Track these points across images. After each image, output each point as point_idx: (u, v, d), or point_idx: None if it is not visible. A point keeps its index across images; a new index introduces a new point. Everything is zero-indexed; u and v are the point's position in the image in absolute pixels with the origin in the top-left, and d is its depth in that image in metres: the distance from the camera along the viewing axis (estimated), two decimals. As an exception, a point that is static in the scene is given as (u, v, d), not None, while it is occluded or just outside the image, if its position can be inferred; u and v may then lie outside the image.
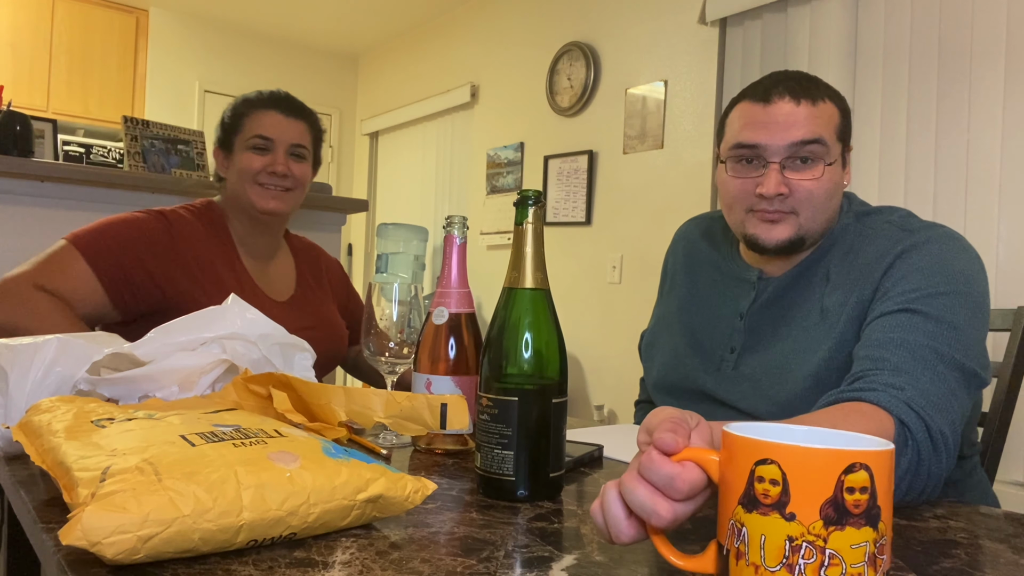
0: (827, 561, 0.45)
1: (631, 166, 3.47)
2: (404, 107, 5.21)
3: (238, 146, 1.49)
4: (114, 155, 4.51)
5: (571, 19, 3.83)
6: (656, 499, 0.51)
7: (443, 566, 0.53)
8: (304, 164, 1.53)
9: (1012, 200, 2.27)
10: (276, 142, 1.47)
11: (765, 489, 0.47)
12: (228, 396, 0.81)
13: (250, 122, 1.49)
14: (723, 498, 0.50)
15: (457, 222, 0.93)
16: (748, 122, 1.02)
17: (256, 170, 1.46)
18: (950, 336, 0.87)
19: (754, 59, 2.97)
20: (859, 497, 0.45)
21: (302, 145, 1.51)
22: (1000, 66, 2.30)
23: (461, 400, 0.79)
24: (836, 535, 0.45)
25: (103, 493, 0.49)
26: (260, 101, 1.51)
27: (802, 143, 1.00)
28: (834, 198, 1.04)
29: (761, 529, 0.47)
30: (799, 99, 1.00)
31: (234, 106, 1.53)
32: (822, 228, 1.06)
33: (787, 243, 1.04)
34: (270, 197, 1.47)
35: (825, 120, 1.01)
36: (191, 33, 5.28)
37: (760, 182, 1.02)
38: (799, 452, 0.46)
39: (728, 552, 0.49)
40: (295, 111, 1.52)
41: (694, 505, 0.53)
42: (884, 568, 0.46)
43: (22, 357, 0.79)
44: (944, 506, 0.76)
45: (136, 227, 1.38)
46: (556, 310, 0.75)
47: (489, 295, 4.08)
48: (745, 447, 0.48)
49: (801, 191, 1.01)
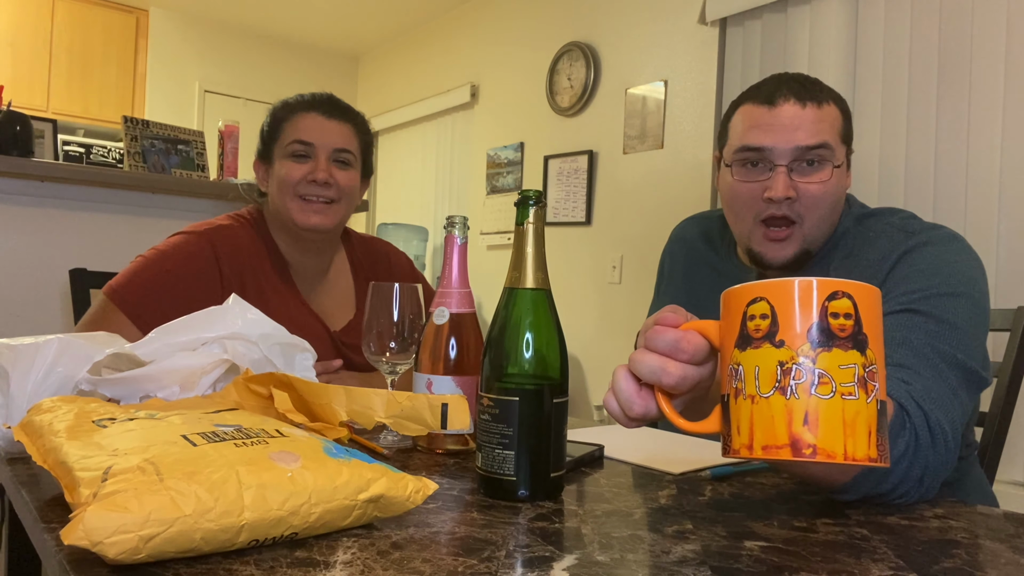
0: (816, 380, 0.48)
1: (631, 166, 3.47)
2: (404, 107, 5.21)
3: (277, 155, 1.35)
4: (114, 155, 4.51)
5: (571, 19, 3.83)
6: (665, 361, 0.56)
7: (444, 566, 0.53)
8: (350, 172, 1.36)
9: (1012, 200, 2.27)
10: (317, 147, 1.32)
11: (756, 325, 0.51)
12: (229, 396, 0.81)
13: (289, 127, 1.35)
14: (723, 356, 0.55)
15: (458, 222, 0.93)
16: (753, 125, 1.01)
17: (295, 180, 1.31)
18: (951, 336, 0.87)
19: (754, 59, 2.97)
20: (844, 322, 0.48)
21: (347, 150, 1.35)
22: (1000, 67, 2.30)
23: (462, 400, 0.79)
24: (824, 356, 0.48)
25: (105, 493, 0.49)
26: (299, 104, 1.37)
27: (809, 148, 0.98)
28: (839, 203, 1.04)
29: (755, 362, 0.50)
30: (804, 101, 0.99)
31: (272, 111, 1.40)
32: (825, 235, 1.05)
33: (793, 259, 1.03)
34: (312, 212, 1.32)
35: (830, 123, 1.00)
36: (191, 33, 5.28)
37: (768, 185, 1.00)
38: (785, 284, 0.51)
39: (727, 396, 0.52)
40: (338, 112, 1.37)
41: (698, 372, 0.57)
42: (877, 395, 0.48)
43: (23, 357, 0.79)
44: (944, 506, 0.77)
45: (178, 262, 1.27)
46: (557, 310, 0.75)
47: (489, 295, 4.08)
48: (738, 294, 0.53)
49: (808, 195, 1.00)
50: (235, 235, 1.34)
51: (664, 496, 0.75)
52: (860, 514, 0.72)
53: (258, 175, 1.42)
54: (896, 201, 2.51)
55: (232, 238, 1.34)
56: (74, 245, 2.30)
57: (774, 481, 0.84)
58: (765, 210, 1.01)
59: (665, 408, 0.59)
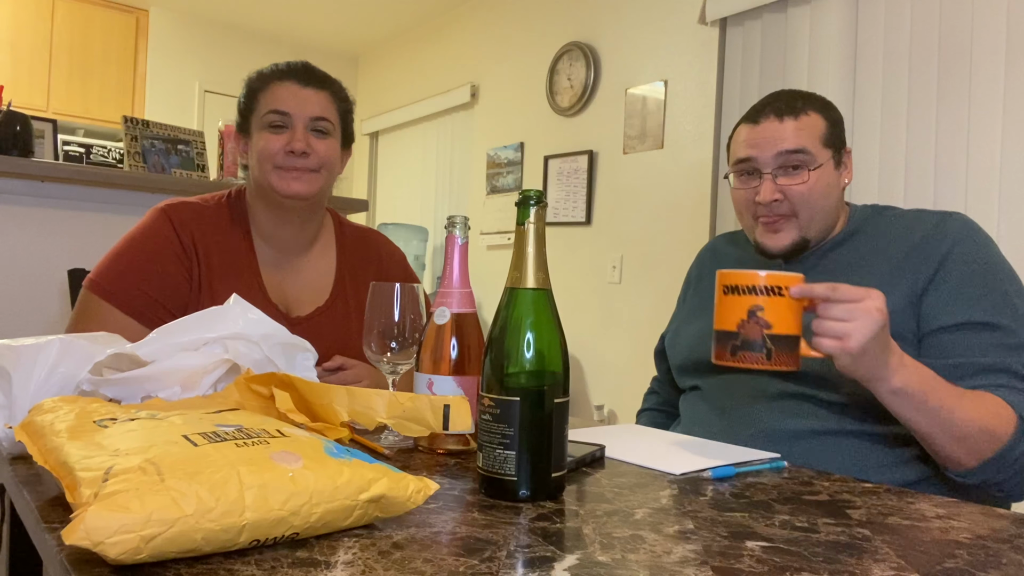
0: None
1: (631, 166, 3.47)
2: (404, 107, 5.21)
3: (255, 126, 1.33)
4: (114, 155, 4.51)
5: (571, 19, 3.83)
6: None
7: (445, 566, 0.53)
8: (329, 140, 1.33)
9: (1012, 200, 2.27)
10: (294, 116, 1.30)
11: None
12: (230, 396, 0.81)
13: (264, 97, 1.32)
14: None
15: (459, 222, 0.93)
16: (743, 141, 1.19)
17: (274, 151, 1.28)
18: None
19: (754, 59, 2.97)
20: None
21: (324, 118, 1.32)
22: (1000, 66, 2.29)
23: (463, 400, 0.79)
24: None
25: (106, 493, 0.49)
26: (274, 73, 1.34)
27: (787, 153, 1.13)
28: (830, 196, 1.16)
29: None
30: (783, 116, 1.15)
31: (247, 82, 1.37)
32: (824, 224, 1.17)
33: (791, 247, 1.17)
34: (292, 179, 1.29)
35: (808, 131, 1.14)
36: (191, 33, 5.28)
37: (758, 191, 1.16)
38: None
39: None
40: (315, 80, 1.34)
41: None
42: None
43: (25, 358, 0.79)
44: (946, 506, 0.77)
45: (142, 241, 1.29)
46: (557, 310, 0.75)
47: (489, 295, 4.08)
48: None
49: (795, 194, 1.14)
50: (197, 209, 1.34)
51: (665, 496, 0.75)
52: (862, 514, 0.72)
53: (238, 147, 1.40)
54: (896, 201, 2.51)
55: (192, 211, 1.33)
56: (74, 245, 2.30)
57: (775, 481, 0.84)
58: (759, 211, 1.17)
59: None
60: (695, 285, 1.40)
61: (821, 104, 1.18)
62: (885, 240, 1.15)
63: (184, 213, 1.32)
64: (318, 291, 1.39)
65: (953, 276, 1.07)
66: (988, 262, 1.08)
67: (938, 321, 1.05)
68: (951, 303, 1.05)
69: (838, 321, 0.88)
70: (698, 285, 1.38)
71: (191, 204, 1.35)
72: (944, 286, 1.07)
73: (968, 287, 1.06)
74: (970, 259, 1.07)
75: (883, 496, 0.80)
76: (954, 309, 1.05)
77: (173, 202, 1.34)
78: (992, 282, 1.06)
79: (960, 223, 1.12)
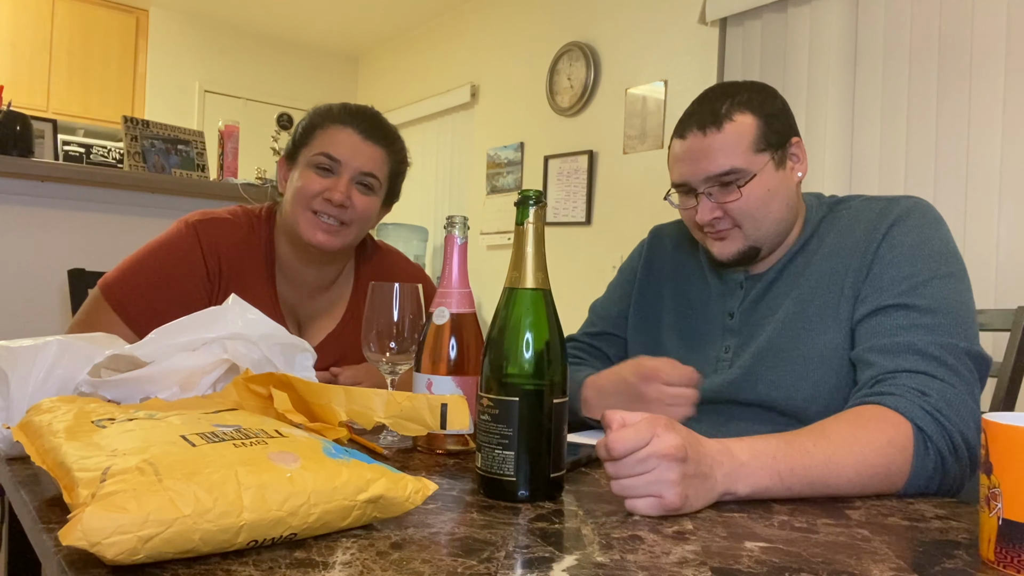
0: None
1: (631, 166, 3.46)
2: (404, 107, 5.21)
3: (301, 161, 1.30)
4: (114, 155, 4.52)
5: (571, 19, 3.83)
6: None
7: (444, 566, 0.53)
8: (371, 198, 1.31)
9: (1012, 200, 2.27)
10: (343, 165, 1.27)
11: None
12: (229, 396, 0.81)
13: (321, 136, 1.29)
14: None
15: (458, 222, 0.93)
16: (674, 158, 1.12)
17: (311, 193, 1.26)
18: (951, 325, 0.92)
19: (754, 59, 2.97)
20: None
21: (373, 175, 1.29)
22: (1000, 66, 2.29)
23: (462, 400, 0.79)
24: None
25: (103, 493, 0.49)
26: (337, 115, 1.30)
27: (715, 176, 1.07)
28: (773, 202, 1.09)
29: None
30: (705, 129, 1.07)
31: (310, 114, 1.34)
32: (775, 228, 1.10)
33: (739, 255, 1.11)
34: (319, 229, 1.26)
35: (734, 143, 1.06)
36: (191, 33, 5.28)
37: (696, 210, 1.10)
38: None
39: None
40: (375, 135, 1.30)
41: None
42: (998, 514, 0.57)
43: (23, 359, 0.79)
44: (946, 507, 0.76)
45: (165, 256, 1.26)
46: (557, 310, 0.75)
47: (489, 295, 4.08)
48: None
49: (732, 210, 1.08)
50: (228, 228, 1.31)
51: (664, 496, 0.75)
52: (861, 515, 0.72)
53: (280, 173, 1.37)
54: (896, 201, 2.50)
55: (223, 230, 1.30)
56: (74, 245, 2.30)
57: (774, 481, 0.84)
58: (703, 227, 1.11)
59: None
60: (647, 271, 1.29)
61: (750, 99, 1.08)
62: (838, 242, 1.08)
63: (214, 234, 1.29)
64: (331, 317, 1.39)
65: (877, 265, 1.01)
66: (916, 243, 1.00)
67: (859, 312, 1.00)
68: (871, 294, 1.00)
69: (636, 477, 0.68)
70: (648, 277, 1.28)
71: (222, 223, 1.31)
72: (870, 277, 1.01)
73: (891, 269, 0.99)
74: (896, 243, 1.01)
75: (882, 497, 0.79)
76: (871, 297, 0.99)
77: (204, 219, 1.30)
78: (917, 263, 0.98)
79: (904, 207, 1.04)
